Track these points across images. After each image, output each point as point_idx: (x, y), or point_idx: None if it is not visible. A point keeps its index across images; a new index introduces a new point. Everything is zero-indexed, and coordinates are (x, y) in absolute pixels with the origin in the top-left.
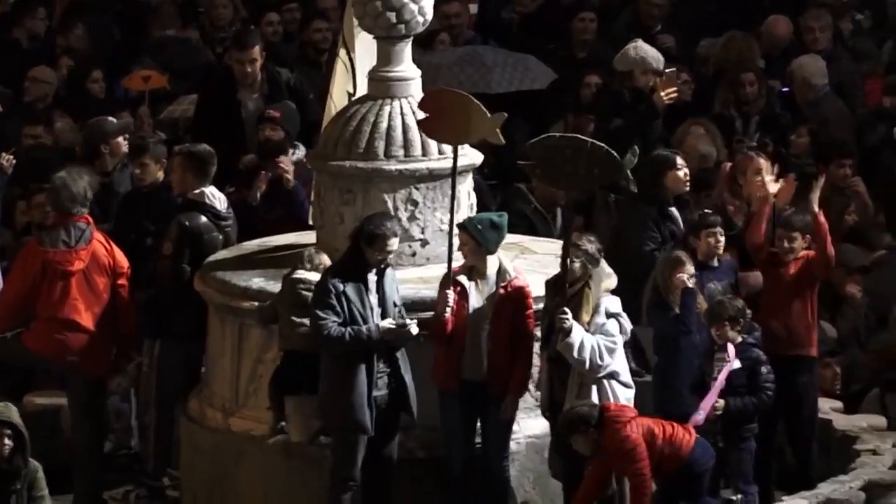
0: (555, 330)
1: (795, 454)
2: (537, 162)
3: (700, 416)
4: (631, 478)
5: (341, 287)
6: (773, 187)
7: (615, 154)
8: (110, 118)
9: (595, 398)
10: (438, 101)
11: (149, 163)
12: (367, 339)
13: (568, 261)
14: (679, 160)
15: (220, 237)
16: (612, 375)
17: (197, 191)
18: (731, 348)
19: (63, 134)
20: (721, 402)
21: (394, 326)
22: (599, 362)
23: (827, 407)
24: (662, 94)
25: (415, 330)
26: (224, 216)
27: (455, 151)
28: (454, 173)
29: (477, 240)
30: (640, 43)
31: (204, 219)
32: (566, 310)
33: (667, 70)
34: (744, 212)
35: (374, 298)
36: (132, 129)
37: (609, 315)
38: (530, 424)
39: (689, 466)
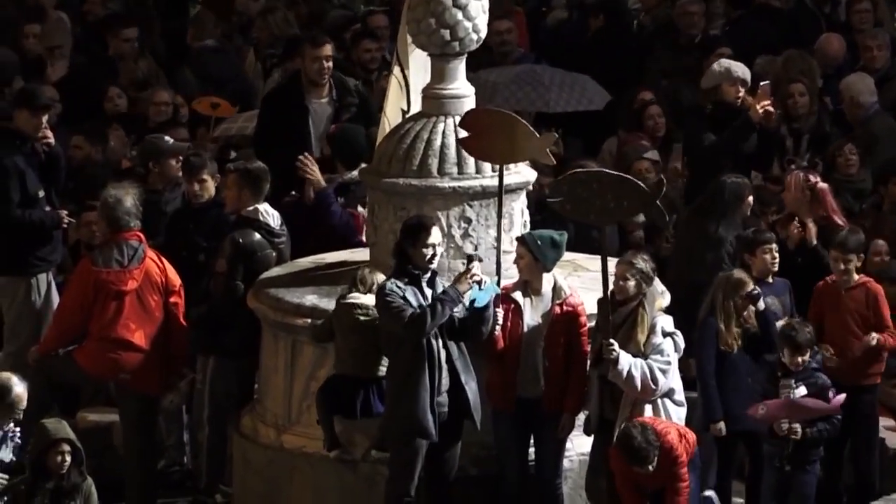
0: (601, 360)
1: (859, 472)
2: (566, 198)
3: (762, 410)
4: (675, 483)
5: (400, 292)
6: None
7: (643, 185)
8: (167, 137)
9: (648, 416)
10: (481, 120)
11: (207, 178)
12: (450, 300)
13: (616, 285)
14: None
15: (274, 254)
16: (667, 394)
17: (251, 208)
18: (838, 398)
19: (116, 149)
20: (798, 428)
21: (460, 272)
22: (653, 386)
23: (880, 425)
24: (758, 106)
25: (479, 273)
26: (277, 233)
27: (500, 171)
28: (500, 193)
29: (535, 255)
30: (722, 59)
31: (258, 236)
32: (612, 340)
33: (762, 83)
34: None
35: None
36: (187, 151)
37: (665, 334)
38: (583, 442)
39: (698, 456)
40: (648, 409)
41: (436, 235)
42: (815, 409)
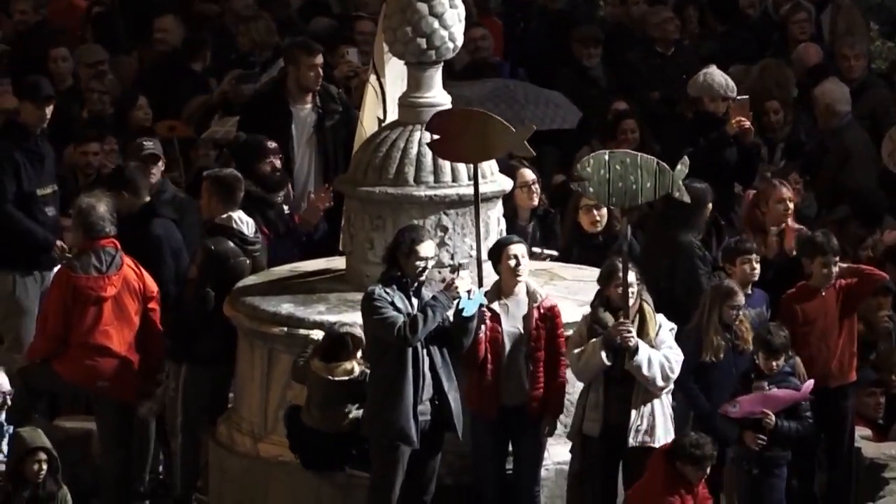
0: (619, 350)
1: (833, 479)
2: (588, 179)
3: (734, 408)
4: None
5: (389, 297)
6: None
7: (667, 165)
8: (147, 141)
9: (659, 415)
10: (450, 122)
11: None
12: (441, 306)
13: (630, 279)
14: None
15: (248, 262)
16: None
17: (224, 215)
18: (807, 384)
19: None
20: (772, 417)
21: (443, 283)
22: (670, 374)
23: (856, 434)
24: (733, 121)
25: (468, 281)
26: (251, 241)
27: (475, 170)
28: (476, 193)
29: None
30: (712, 69)
31: (230, 243)
32: (630, 329)
33: (738, 97)
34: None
35: None
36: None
37: (669, 329)
38: (559, 451)
39: None
40: (659, 406)
41: (430, 249)
42: (787, 398)
